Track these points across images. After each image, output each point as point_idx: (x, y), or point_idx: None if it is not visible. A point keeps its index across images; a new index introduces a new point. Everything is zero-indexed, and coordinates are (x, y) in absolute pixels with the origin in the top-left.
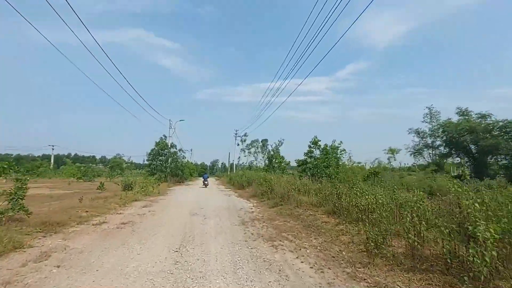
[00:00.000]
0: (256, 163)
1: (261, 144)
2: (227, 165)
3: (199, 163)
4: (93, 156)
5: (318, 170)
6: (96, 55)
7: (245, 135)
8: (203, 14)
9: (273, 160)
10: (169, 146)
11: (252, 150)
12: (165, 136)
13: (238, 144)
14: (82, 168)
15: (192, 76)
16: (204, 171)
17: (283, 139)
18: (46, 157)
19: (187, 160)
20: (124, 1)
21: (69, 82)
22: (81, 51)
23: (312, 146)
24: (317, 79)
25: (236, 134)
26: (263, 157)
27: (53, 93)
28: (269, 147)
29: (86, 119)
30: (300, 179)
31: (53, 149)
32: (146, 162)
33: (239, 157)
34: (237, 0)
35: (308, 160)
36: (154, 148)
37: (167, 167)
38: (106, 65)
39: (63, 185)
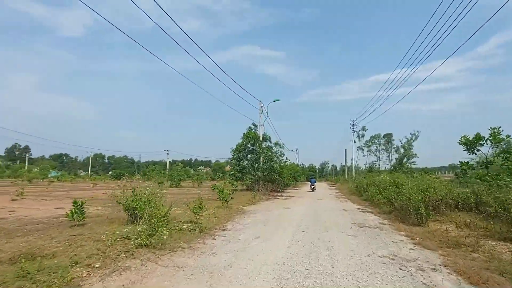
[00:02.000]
0: (379, 164)
1: (384, 140)
2: (338, 167)
3: (306, 165)
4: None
5: None
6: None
7: (363, 129)
8: (303, 18)
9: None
10: (261, 139)
11: (373, 147)
12: (255, 126)
13: (354, 141)
14: (192, 171)
15: (296, 80)
16: (312, 175)
17: (417, 132)
18: (157, 163)
19: (287, 160)
20: (234, 23)
21: (188, 97)
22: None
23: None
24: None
25: (353, 126)
26: (388, 157)
27: (172, 105)
28: (396, 143)
29: (202, 127)
30: None
31: (167, 153)
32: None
33: (356, 157)
34: None
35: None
36: (240, 143)
37: (258, 169)
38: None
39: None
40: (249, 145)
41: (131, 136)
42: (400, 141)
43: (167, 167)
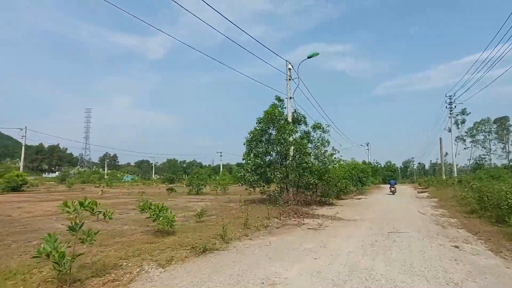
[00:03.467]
0: (489, 159)
1: (496, 126)
2: (427, 166)
3: (382, 164)
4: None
5: None
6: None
7: (463, 112)
8: (369, 6)
9: None
10: (287, 121)
11: (480, 137)
12: (280, 101)
13: (449, 130)
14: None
15: (368, 72)
16: (392, 175)
17: None
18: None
19: (336, 153)
20: (299, 23)
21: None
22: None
23: None
24: None
25: (450, 104)
26: (504, 148)
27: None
28: None
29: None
30: None
31: (221, 156)
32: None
33: (456, 150)
34: None
35: None
36: (257, 127)
37: (286, 170)
38: None
39: None
40: (270, 130)
41: (208, 144)
42: None
43: (221, 170)
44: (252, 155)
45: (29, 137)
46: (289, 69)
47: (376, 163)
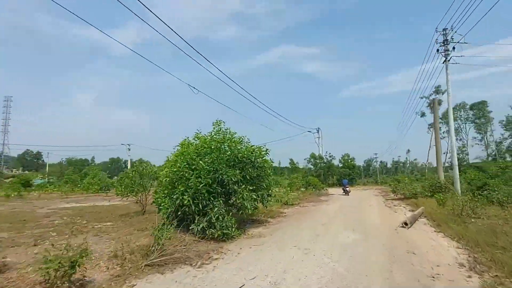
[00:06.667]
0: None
1: (472, 112)
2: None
3: (337, 157)
4: None
5: None
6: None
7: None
8: (341, 12)
9: None
10: None
11: (455, 125)
12: None
13: (421, 115)
14: None
15: (336, 75)
16: (350, 175)
17: None
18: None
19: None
20: (270, 25)
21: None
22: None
23: None
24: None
25: (444, 43)
26: (482, 140)
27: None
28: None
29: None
30: None
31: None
32: None
33: (430, 142)
34: None
35: None
36: None
37: None
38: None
39: None
40: None
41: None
42: None
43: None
44: None
45: None
46: None
47: (330, 156)
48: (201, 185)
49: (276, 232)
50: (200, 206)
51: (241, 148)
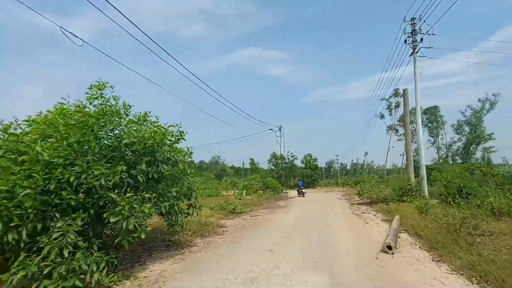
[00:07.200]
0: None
1: (426, 116)
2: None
3: (300, 159)
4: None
5: None
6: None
7: (397, 93)
8: (309, 18)
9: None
10: None
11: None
12: None
13: (381, 116)
14: None
15: (302, 79)
16: (312, 176)
17: (494, 96)
18: None
19: None
20: (238, 26)
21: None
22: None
23: None
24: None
25: (413, 33)
26: (434, 143)
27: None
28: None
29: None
30: None
31: None
32: None
33: (389, 143)
34: None
35: None
36: None
37: None
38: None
39: None
40: None
41: None
42: (463, 114)
43: None
44: None
45: None
46: None
47: (292, 156)
48: (25, 193)
49: (190, 273)
50: (24, 234)
51: (141, 128)
